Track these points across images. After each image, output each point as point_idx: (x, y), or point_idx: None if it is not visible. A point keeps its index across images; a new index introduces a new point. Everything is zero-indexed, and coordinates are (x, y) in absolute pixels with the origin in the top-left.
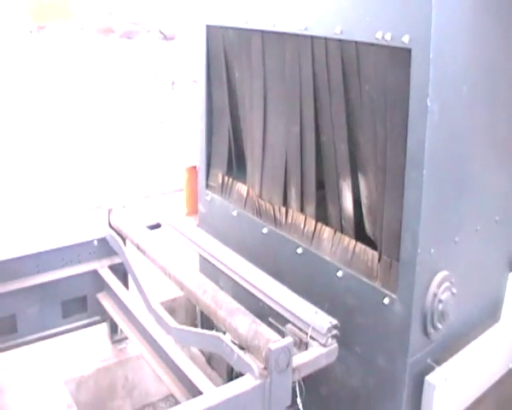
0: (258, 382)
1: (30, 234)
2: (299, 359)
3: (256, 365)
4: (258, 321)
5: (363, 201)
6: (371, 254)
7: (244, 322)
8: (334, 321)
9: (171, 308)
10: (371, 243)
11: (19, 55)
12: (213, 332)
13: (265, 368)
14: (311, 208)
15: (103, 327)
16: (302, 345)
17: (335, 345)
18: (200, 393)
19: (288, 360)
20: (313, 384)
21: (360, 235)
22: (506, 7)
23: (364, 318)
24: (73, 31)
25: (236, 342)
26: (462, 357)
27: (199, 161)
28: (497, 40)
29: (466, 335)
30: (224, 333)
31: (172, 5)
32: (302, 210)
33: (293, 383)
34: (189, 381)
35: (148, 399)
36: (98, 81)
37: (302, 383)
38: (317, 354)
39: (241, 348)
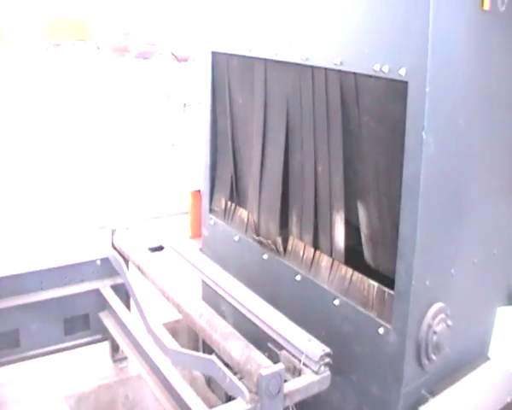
0: (249, 406)
1: (34, 251)
2: (291, 385)
3: (247, 389)
4: (252, 346)
5: (363, 230)
6: (367, 283)
7: (237, 346)
8: (327, 349)
9: (173, 330)
10: (367, 273)
11: (34, 71)
12: (207, 356)
13: (256, 393)
14: (309, 236)
15: (105, 345)
16: (295, 372)
17: (328, 373)
18: None
19: (280, 385)
20: None
21: (355, 266)
22: (503, 38)
23: (360, 347)
24: (89, 49)
25: (230, 365)
26: (458, 389)
27: (203, 185)
28: (495, 71)
29: (462, 367)
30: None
31: (186, 28)
32: (300, 238)
33: (286, 409)
34: (185, 403)
35: None
36: (111, 100)
37: (295, 409)
38: (309, 380)
39: (235, 372)
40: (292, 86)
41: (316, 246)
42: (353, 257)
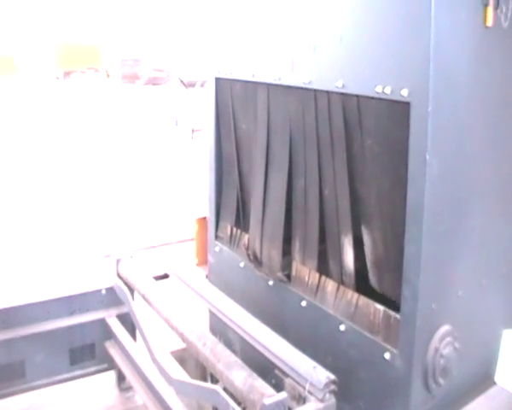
0: None
1: (39, 281)
2: None
3: None
4: (255, 375)
5: (368, 255)
6: (373, 308)
7: (240, 376)
8: (332, 376)
9: (181, 358)
10: (373, 298)
11: (45, 100)
12: (211, 385)
13: None
14: (313, 262)
15: (111, 375)
16: (300, 400)
17: (333, 400)
18: None
19: None
20: None
21: (362, 290)
22: (507, 54)
23: (367, 372)
24: (99, 77)
25: (231, 393)
26: None
27: (208, 211)
28: (499, 89)
29: (471, 391)
30: None
31: (193, 54)
32: (304, 263)
33: None
34: None
35: None
36: (120, 127)
37: None
38: (314, 408)
39: (239, 402)
40: (295, 110)
41: (322, 271)
42: (359, 281)
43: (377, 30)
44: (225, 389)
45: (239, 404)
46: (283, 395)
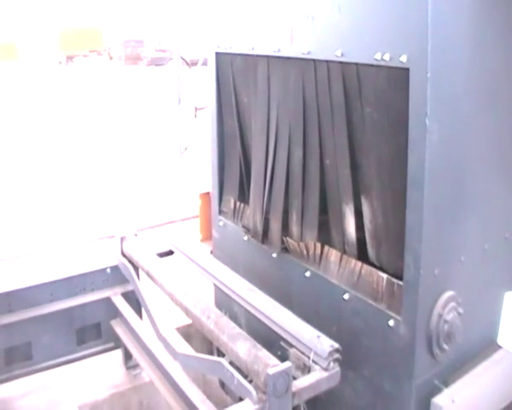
0: (257, 406)
1: (44, 263)
2: (300, 383)
3: (255, 390)
4: (259, 346)
5: (367, 225)
6: (376, 276)
7: (244, 347)
8: (336, 345)
9: (187, 334)
10: (376, 266)
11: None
12: (215, 358)
13: (264, 393)
14: (313, 233)
15: (118, 353)
16: (305, 369)
17: (337, 369)
18: None
19: (287, 384)
20: (322, 408)
21: (365, 258)
22: (503, 19)
23: (371, 340)
24: (102, 60)
25: (237, 366)
26: (471, 378)
27: (211, 186)
28: (497, 54)
29: (475, 356)
30: None
31: (195, 32)
32: (303, 235)
33: (297, 407)
34: (195, 407)
35: None
36: (124, 107)
37: (305, 407)
38: (318, 377)
39: (245, 374)
40: (295, 81)
41: (324, 241)
42: (362, 250)
43: None
44: (231, 363)
45: (244, 376)
46: (287, 364)
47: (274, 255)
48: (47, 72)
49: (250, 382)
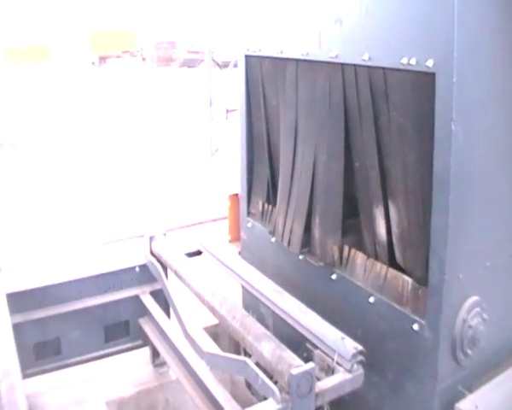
0: (280, 406)
1: (75, 260)
2: (323, 384)
3: (278, 389)
4: (283, 346)
5: (393, 228)
6: (402, 280)
7: (269, 347)
8: (360, 347)
9: (214, 334)
10: (402, 270)
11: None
12: (240, 357)
13: (288, 393)
14: (336, 236)
15: (145, 351)
16: (329, 371)
17: (361, 371)
18: None
19: (311, 385)
20: (347, 409)
21: (391, 262)
22: None
23: (395, 344)
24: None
25: (263, 367)
26: (496, 385)
27: (240, 188)
28: None
29: (500, 363)
30: None
31: (227, 34)
32: (325, 238)
33: (320, 408)
34: (220, 406)
35: None
36: (156, 109)
37: (329, 408)
38: (342, 379)
39: (270, 375)
40: (322, 85)
41: (351, 244)
42: (388, 254)
43: (402, 2)
44: (257, 364)
45: (269, 376)
46: (311, 365)
47: (300, 257)
48: (80, 73)
49: (275, 383)
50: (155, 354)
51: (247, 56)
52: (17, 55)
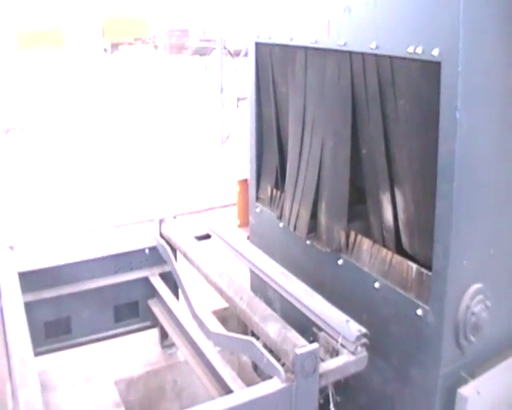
0: (285, 385)
1: (86, 241)
2: (327, 365)
3: (283, 369)
4: (289, 327)
5: (400, 215)
6: (406, 265)
7: (275, 327)
8: (364, 330)
9: (222, 317)
10: (409, 255)
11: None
12: (246, 337)
13: (292, 372)
14: (341, 222)
15: (154, 332)
16: (334, 353)
17: (365, 353)
18: None
19: (315, 365)
20: (352, 395)
21: (400, 247)
22: None
23: (399, 328)
24: (147, 49)
25: (268, 347)
26: (498, 372)
27: (249, 173)
28: None
29: (503, 351)
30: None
31: (239, 23)
32: (332, 223)
33: (326, 390)
34: (226, 385)
35: (195, 402)
36: (167, 96)
37: (333, 391)
38: (346, 361)
39: (276, 356)
40: (331, 72)
41: (358, 230)
42: (394, 240)
43: None
44: (264, 346)
45: (275, 358)
46: (315, 345)
47: (308, 243)
48: (93, 59)
49: (282, 364)
50: (164, 335)
51: (257, 44)
52: (31, 40)
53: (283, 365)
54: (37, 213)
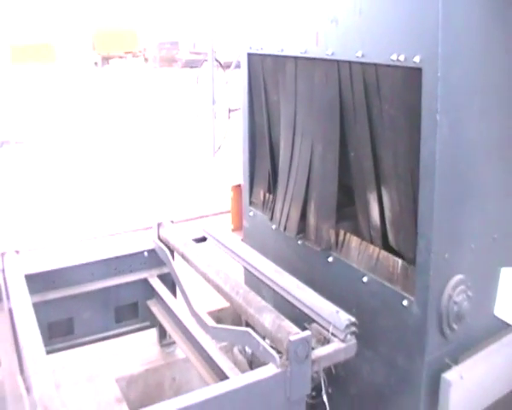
0: (279, 370)
1: (87, 247)
2: (319, 352)
3: (278, 355)
4: (282, 317)
5: (386, 213)
6: (392, 260)
7: (269, 318)
8: (353, 319)
9: (218, 318)
10: (395, 251)
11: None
12: (242, 328)
13: (287, 359)
14: (330, 221)
15: (153, 332)
16: (325, 342)
17: (354, 341)
18: None
19: (307, 351)
20: (343, 385)
21: (386, 244)
22: None
23: (387, 320)
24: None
25: (263, 336)
26: (480, 358)
27: (243, 179)
28: (507, 54)
29: (486, 338)
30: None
31: (229, 35)
32: (320, 222)
33: (317, 375)
34: (224, 373)
35: None
36: (159, 108)
37: (325, 379)
38: (336, 348)
39: (270, 345)
40: (319, 81)
41: (346, 229)
42: (381, 237)
43: (392, 3)
44: (261, 336)
45: (270, 347)
46: (307, 332)
47: (299, 242)
48: (84, 73)
49: (278, 353)
50: (162, 334)
51: (249, 54)
52: (23, 55)
53: (279, 353)
54: (30, 224)
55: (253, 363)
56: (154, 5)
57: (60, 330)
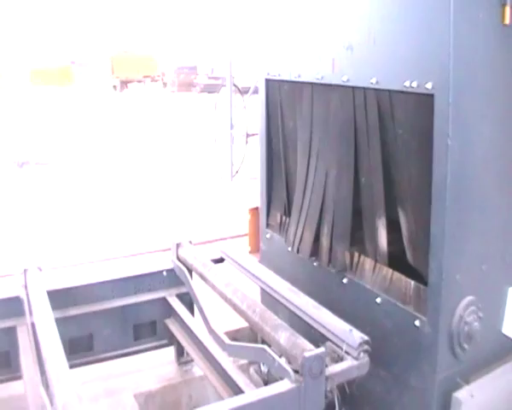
0: (294, 386)
1: (107, 264)
2: (333, 368)
3: (293, 371)
4: (297, 334)
5: (404, 233)
6: (405, 281)
7: (285, 335)
8: (366, 337)
9: (234, 339)
10: (406, 272)
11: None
12: (258, 345)
13: (301, 375)
14: (345, 243)
15: (171, 350)
16: (338, 359)
17: (367, 359)
18: None
19: (321, 367)
20: (356, 403)
21: (395, 266)
22: None
23: (400, 339)
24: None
25: (278, 353)
26: (491, 378)
27: (260, 202)
28: None
29: (497, 358)
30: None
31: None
32: (336, 245)
33: (331, 394)
34: (240, 389)
35: None
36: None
37: (339, 396)
38: (349, 365)
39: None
40: (335, 106)
41: (360, 251)
42: (393, 258)
43: (405, 31)
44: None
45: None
46: (322, 349)
47: (315, 264)
48: (103, 97)
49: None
50: (180, 352)
51: (267, 80)
52: (43, 78)
53: (294, 371)
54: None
55: (268, 383)
56: (172, 30)
57: (80, 346)
